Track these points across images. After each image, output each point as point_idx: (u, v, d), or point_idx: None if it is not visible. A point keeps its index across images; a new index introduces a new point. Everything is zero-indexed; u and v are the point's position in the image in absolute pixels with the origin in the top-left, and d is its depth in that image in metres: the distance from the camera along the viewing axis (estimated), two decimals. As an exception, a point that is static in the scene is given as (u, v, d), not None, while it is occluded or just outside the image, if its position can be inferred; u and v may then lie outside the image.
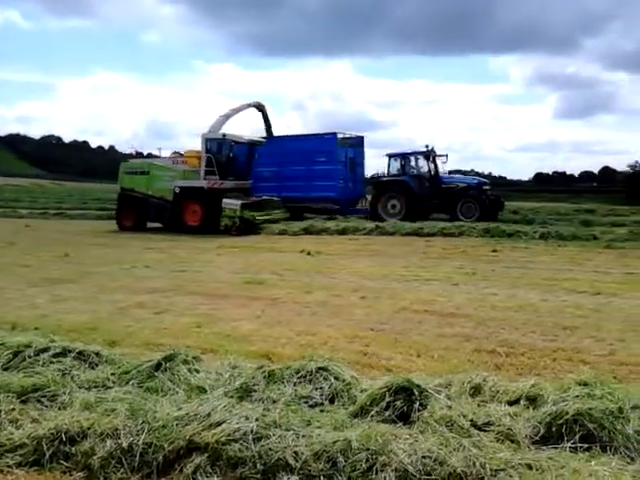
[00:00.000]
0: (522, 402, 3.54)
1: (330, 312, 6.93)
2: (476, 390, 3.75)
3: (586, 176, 76.09)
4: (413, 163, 21.67)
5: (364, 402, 3.48)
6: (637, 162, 37.44)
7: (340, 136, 22.98)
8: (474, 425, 3.24)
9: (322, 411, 3.52)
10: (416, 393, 3.46)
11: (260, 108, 21.96)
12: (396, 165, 21.58)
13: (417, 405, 3.39)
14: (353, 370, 4.24)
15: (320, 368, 3.96)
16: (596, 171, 76.62)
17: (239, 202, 18.57)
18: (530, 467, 2.81)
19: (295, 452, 2.93)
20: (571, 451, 3.01)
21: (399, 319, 6.53)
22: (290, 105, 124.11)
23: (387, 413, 3.36)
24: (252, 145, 20.55)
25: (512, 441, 3.14)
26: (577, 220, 20.10)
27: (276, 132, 23.92)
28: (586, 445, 3.04)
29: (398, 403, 3.41)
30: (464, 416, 3.29)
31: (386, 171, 21.88)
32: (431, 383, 3.75)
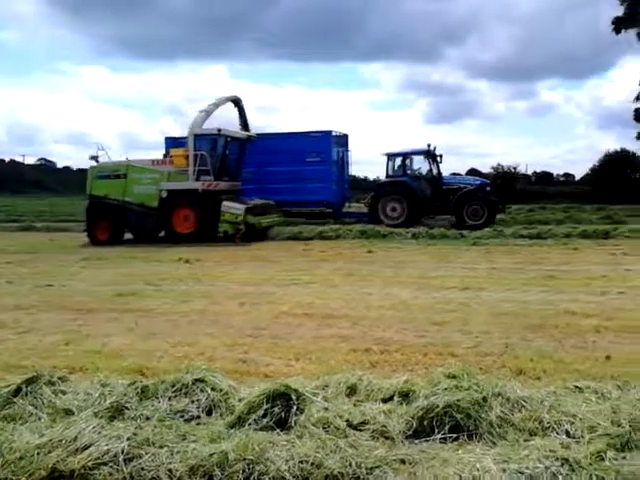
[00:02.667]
0: (396, 398, 3.66)
1: (208, 321, 6.79)
2: (352, 390, 3.82)
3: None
4: (413, 163, 20.55)
5: (242, 411, 3.43)
6: (499, 164, 40.13)
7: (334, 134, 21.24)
8: (350, 425, 3.29)
9: (199, 424, 3.42)
10: (294, 398, 3.46)
11: (237, 102, 19.60)
12: (394, 165, 20.27)
13: (295, 410, 3.39)
14: (231, 379, 4.16)
15: (197, 380, 3.85)
16: (464, 173, 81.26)
17: (242, 206, 16.72)
18: (403, 462, 2.91)
19: (169, 469, 2.82)
20: (441, 442, 3.15)
21: (278, 324, 6.54)
22: (164, 109, 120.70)
23: (265, 420, 3.33)
24: (245, 141, 18.81)
25: (387, 438, 3.23)
26: (446, 220, 21.11)
27: (153, 137, 22.60)
28: (455, 435, 3.19)
29: (276, 409, 3.39)
30: (340, 417, 3.34)
31: (385, 172, 20.44)
32: (309, 386, 3.78)
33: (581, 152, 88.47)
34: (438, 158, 19.98)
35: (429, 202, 19.47)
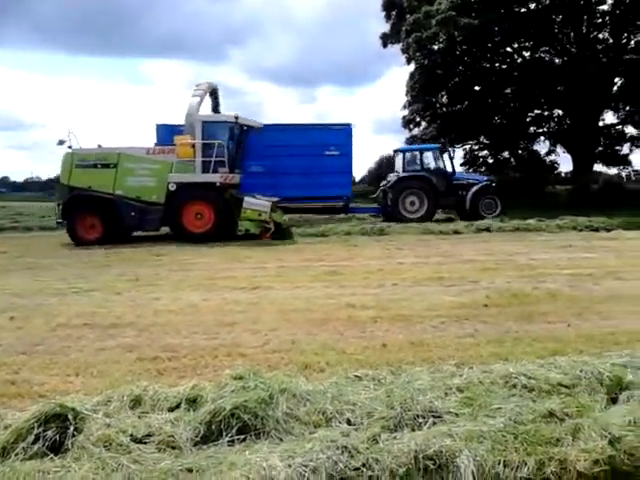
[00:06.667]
0: (183, 406, 3.56)
1: (-30, 340, 5.99)
2: (136, 402, 3.63)
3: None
4: (427, 159, 21.05)
5: (7, 440, 3.06)
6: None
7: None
8: (134, 439, 3.12)
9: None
10: (70, 418, 3.19)
11: (215, 90, 17.82)
12: (401, 161, 20.89)
13: (72, 431, 3.12)
14: (-3, 404, 3.72)
15: (-50, 411, 3.37)
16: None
17: (267, 203, 15.23)
18: (190, 470, 2.83)
19: None
20: (229, 445, 3.13)
21: (55, 337, 5.99)
22: None
23: (36, 447, 3.01)
24: (254, 131, 16.94)
25: (174, 447, 3.12)
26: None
27: None
28: (242, 436, 3.19)
29: (49, 433, 3.09)
30: (123, 432, 3.15)
31: (399, 167, 20.97)
32: (89, 403, 3.52)
33: (358, 155, 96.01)
34: (450, 154, 21.29)
35: (444, 197, 20.30)
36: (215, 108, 18.15)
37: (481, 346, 5.46)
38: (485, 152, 36.24)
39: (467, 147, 35.87)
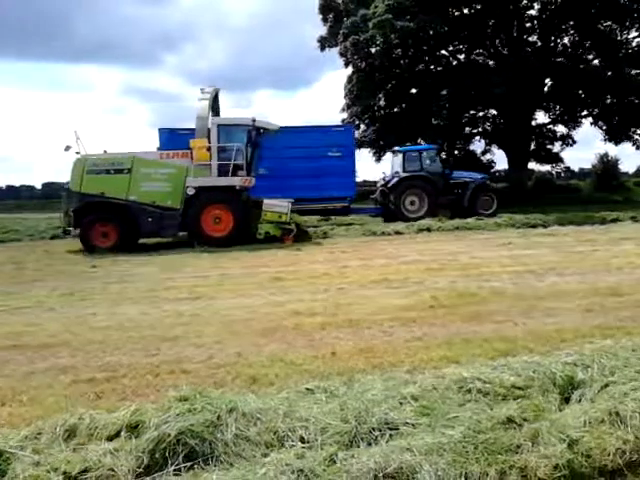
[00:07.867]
0: (123, 434, 3.28)
1: None
2: (71, 432, 3.33)
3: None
4: (425, 159, 21.43)
5: None
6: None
7: None
8: (68, 477, 2.83)
9: None
10: (-8, 458, 2.87)
11: (217, 94, 17.14)
12: (400, 161, 21.21)
13: (-7, 473, 2.80)
14: None
15: None
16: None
17: (287, 204, 15.17)
18: (132, 508, 2.58)
19: None
20: (175, 474, 2.90)
21: (-21, 362, 5.53)
22: None
23: (-48, 494, 2.69)
24: (269, 133, 16.45)
25: (114, 482, 2.86)
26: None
27: None
28: (190, 463, 2.96)
29: (-33, 478, 2.77)
30: (55, 470, 2.85)
31: (398, 167, 21.38)
32: (15, 438, 3.19)
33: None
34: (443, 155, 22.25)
35: (442, 195, 20.77)
36: (217, 111, 17.76)
37: (431, 349, 5.37)
38: (423, 153, 36.84)
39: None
